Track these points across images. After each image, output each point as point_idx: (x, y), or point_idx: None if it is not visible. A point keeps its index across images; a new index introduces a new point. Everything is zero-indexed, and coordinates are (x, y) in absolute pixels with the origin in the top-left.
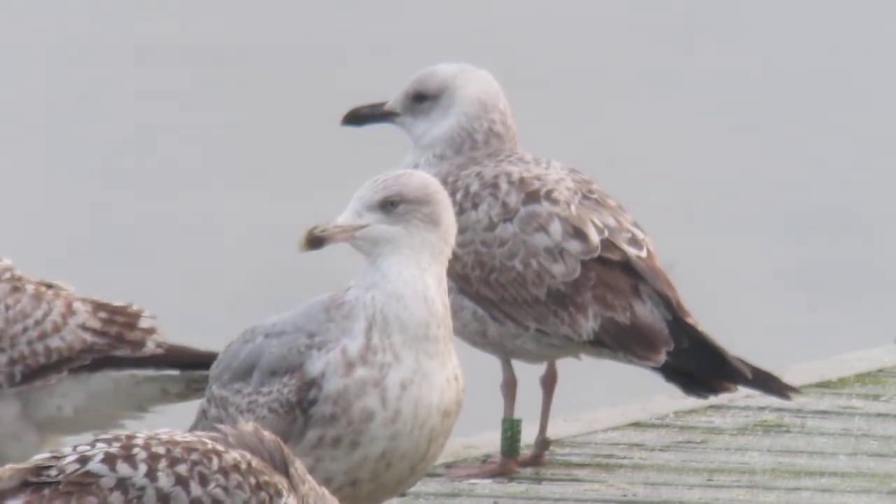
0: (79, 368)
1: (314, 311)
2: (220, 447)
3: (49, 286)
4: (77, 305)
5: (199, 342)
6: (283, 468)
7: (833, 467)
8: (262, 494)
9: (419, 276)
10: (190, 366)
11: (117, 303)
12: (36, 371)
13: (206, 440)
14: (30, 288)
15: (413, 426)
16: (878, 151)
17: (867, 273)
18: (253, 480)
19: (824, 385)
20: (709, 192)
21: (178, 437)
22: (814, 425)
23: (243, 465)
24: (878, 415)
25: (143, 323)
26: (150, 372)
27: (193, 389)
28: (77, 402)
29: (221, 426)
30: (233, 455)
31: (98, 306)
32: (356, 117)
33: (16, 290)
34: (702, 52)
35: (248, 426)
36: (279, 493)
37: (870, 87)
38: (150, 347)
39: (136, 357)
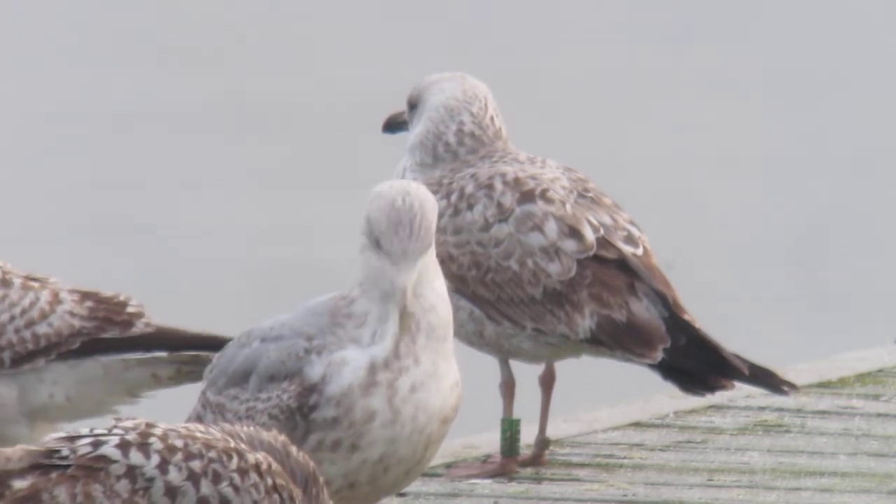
0: (68, 353)
1: (314, 315)
2: (243, 446)
3: (36, 279)
4: (64, 295)
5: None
6: (304, 485)
7: (833, 467)
8: (276, 497)
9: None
10: (180, 347)
11: (104, 293)
12: (24, 356)
13: (230, 438)
14: (17, 281)
15: (412, 431)
16: (880, 152)
17: (867, 273)
18: (270, 482)
19: (824, 385)
20: (708, 191)
21: (199, 433)
22: (814, 425)
23: (264, 466)
24: (879, 415)
25: (131, 308)
26: (140, 355)
27: (185, 373)
28: (68, 389)
29: (250, 429)
30: (255, 456)
31: (85, 295)
32: (388, 125)
33: (3, 283)
34: (702, 57)
35: (280, 437)
36: (292, 499)
37: (869, 92)
38: (139, 327)
39: (125, 338)
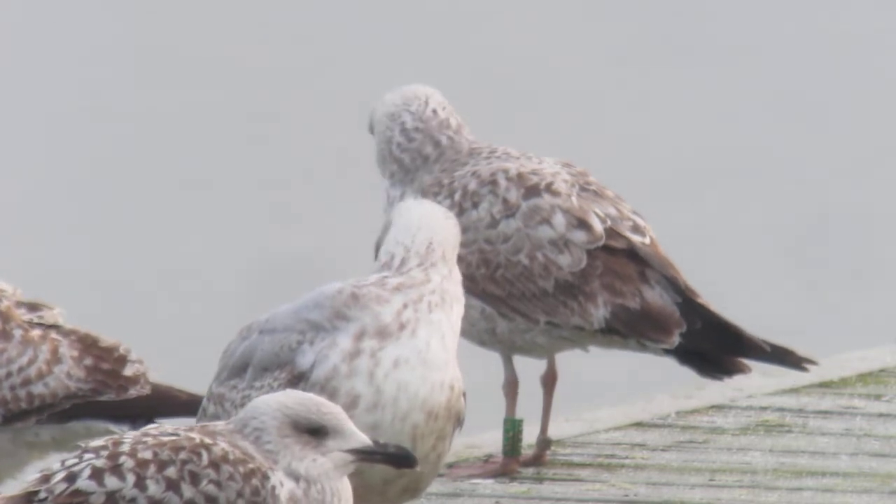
0: (60, 414)
1: (316, 308)
2: (207, 440)
3: (36, 307)
4: (63, 352)
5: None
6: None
7: (835, 467)
8: (254, 482)
9: None
10: (171, 412)
11: (105, 342)
12: (17, 414)
13: (193, 434)
14: (17, 333)
15: (394, 416)
16: (882, 150)
17: (869, 272)
18: (242, 469)
19: (826, 385)
20: (709, 192)
21: (166, 437)
22: (815, 425)
23: (232, 455)
24: (880, 415)
25: (129, 370)
26: (126, 429)
27: None
28: (53, 433)
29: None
30: (221, 446)
31: (84, 348)
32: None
33: (2, 336)
34: (700, 57)
35: (222, 424)
36: (266, 477)
37: (871, 89)
38: (135, 392)
39: (118, 400)
